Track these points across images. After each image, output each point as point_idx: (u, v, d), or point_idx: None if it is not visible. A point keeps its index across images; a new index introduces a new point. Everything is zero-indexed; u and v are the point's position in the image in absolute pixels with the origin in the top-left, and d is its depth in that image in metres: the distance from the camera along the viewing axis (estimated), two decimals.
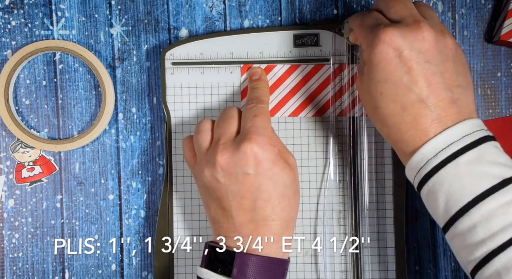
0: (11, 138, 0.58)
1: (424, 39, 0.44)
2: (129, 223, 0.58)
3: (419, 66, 0.44)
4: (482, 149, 0.43)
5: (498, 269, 0.41)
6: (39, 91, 0.58)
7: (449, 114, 0.44)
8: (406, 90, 0.44)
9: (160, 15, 0.58)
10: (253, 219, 0.48)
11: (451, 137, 0.43)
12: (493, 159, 0.43)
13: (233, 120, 0.50)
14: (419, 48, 0.44)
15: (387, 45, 0.44)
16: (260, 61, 0.56)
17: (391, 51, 0.44)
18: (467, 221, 0.42)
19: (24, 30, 0.58)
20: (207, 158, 0.49)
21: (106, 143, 0.58)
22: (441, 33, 0.45)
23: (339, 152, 0.56)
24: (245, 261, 0.47)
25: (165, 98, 0.56)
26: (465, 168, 0.43)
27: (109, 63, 0.58)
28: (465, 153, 0.43)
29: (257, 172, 0.47)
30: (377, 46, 0.44)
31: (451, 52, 0.45)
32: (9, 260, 0.58)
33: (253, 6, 0.58)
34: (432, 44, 0.44)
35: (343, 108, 0.56)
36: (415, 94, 0.44)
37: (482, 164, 0.43)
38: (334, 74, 0.56)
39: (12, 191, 0.58)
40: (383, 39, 0.44)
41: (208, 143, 0.50)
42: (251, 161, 0.47)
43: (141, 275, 0.58)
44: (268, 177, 0.48)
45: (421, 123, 0.44)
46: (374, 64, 0.45)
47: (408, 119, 0.44)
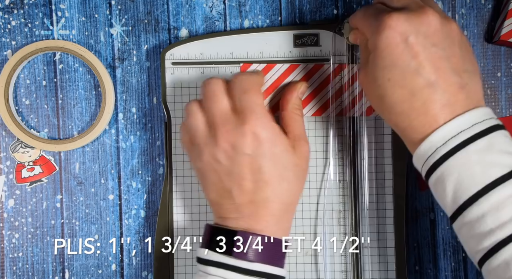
0: (11, 138, 0.58)
1: (429, 23, 0.44)
2: (129, 223, 0.58)
3: (426, 50, 0.43)
4: (492, 138, 0.43)
5: (507, 259, 0.41)
6: (39, 91, 0.58)
7: (458, 100, 0.43)
8: (414, 75, 0.43)
9: (160, 15, 0.58)
10: (253, 200, 0.48)
11: (461, 125, 0.43)
12: (503, 148, 0.43)
13: (221, 96, 0.49)
14: (425, 32, 0.44)
15: (393, 30, 0.43)
16: (260, 61, 0.56)
17: (397, 36, 0.43)
18: (476, 210, 0.42)
19: (24, 30, 0.58)
20: (205, 140, 0.48)
21: (106, 142, 0.58)
22: (445, 19, 0.45)
23: (339, 152, 0.56)
24: (246, 240, 0.47)
25: (165, 98, 0.56)
26: (475, 156, 0.42)
27: (109, 63, 0.58)
28: (475, 141, 0.42)
29: (257, 153, 0.47)
30: (383, 31, 0.44)
31: (457, 37, 0.45)
32: (9, 260, 0.58)
33: (253, 6, 0.58)
34: (438, 28, 0.44)
35: (343, 108, 0.56)
36: (423, 79, 0.43)
37: (492, 153, 0.42)
38: (334, 74, 0.56)
39: (12, 191, 0.58)
40: (388, 24, 0.44)
41: (202, 125, 0.49)
42: (250, 142, 0.47)
43: (141, 275, 0.58)
44: (268, 158, 0.47)
45: (431, 109, 0.43)
46: (381, 50, 0.44)
47: (417, 105, 0.44)
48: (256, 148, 0.47)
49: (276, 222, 0.48)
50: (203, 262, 0.48)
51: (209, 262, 0.48)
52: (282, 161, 0.48)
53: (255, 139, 0.47)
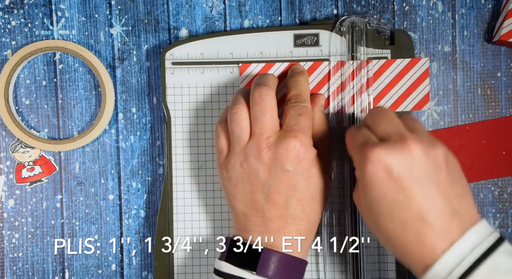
0: (11, 138, 0.58)
1: (412, 155, 0.43)
2: (129, 223, 0.58)
3: (412, 183, 0.43)
4: (495, 259, 0.42)
5: None
6: (39, 91, 0.58)
7: (452, 225, 0.43)
8: (403, 208, 0.43)
9: (160, 15, 0.58)
10: (283, 216, 0.48)
11: (462, 253, 0.42)
12: (507, 267, 0.42)
13: (272, 113, 0.49)
14: (409, 165, 0.43)
15: (376, 166, 0.43)
16: (260, 61, 0.56)
17: (381, 171, 0.43)
18: None
19: (24, 30, 0.58)
20: (248, 151, 0.49)
21: (106, 142, 0.58)
22: (429, 145, 0.44)
23: (339, 152, 0.56)
24: (270, 257, 0.47)
25: (165, 98, 0.56)
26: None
27: (109, 63, 0.58)
28: (478, 267, 0.41)
29: (296, 170, 0.48)
30: (366, 167, 0.44)
31: (444, 162, 0.44)
32: (9, 260, 0.58)
33: (253, 6, 0.58)
34: (422, 158, 0.43)
35: (343, 105, 0.56)
36: (412, 211, 0.43)
37: (497, 276, 0.41)
38: (334, 71, 0.56)
39: (12, 191, 0.58)
40: (371, 160, 0.43)
41: (247, 135, 0.49)
42: (292, 158, 0.48)
43: (141, 275, 0.58)
44: (305, 177, 0.48)
45: (426, 241, 0.43)
46: (367, 184, 0.44)
47: (411, 238, 0.43)
48: (297, 165, 0.48)
49: (301, 241, 0.49)
50: (222, 275, 0.48)
51: (228, 276, 0.48)
52: (316, 182, 0.49)
53: (297, 157, 0.48)
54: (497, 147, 0.57)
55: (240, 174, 0.49)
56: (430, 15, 0.58)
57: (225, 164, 0.50)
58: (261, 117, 0.49)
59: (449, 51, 0.58)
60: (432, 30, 0.58)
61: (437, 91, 0.58)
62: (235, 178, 0.50)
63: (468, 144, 0.58)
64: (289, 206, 0.48)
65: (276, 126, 0.49)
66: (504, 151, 0.57)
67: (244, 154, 0.49)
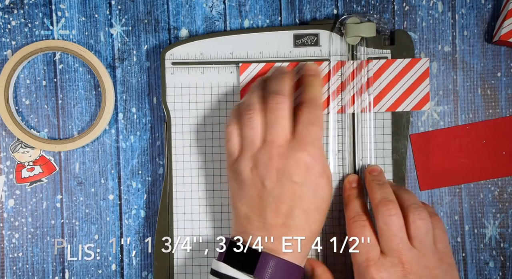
0: (11, 138, 0.58)
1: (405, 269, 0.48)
2: (129, 223, 0.58)
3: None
4: None
5: None
6: (39, 91, 0.58)
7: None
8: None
9: (160, 15, 0.58)
10: (286, 224, 0.48)
11: None
12: None
13: (286, 122, 0.50)
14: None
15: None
16: (260, 61, 0.56)
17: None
18: None
19: (24, 30, 0.58)
20: (258, 157, 0.49)
21: (106, 142, 0.58)
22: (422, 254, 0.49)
23: (339, 152, 0.56)
24: (268, 261, 0.47)
25: (165, 98, 0.56)
26: None
27: (109, 63, 0.58)
28: None
29: (304, 182, 0.48)
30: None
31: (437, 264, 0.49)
32: (9, 260, 0.58)
33: (253, 6, 0.58)
34: (414, 269, 0.48)
35: (343, 105, 0.56)
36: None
37: None
38: (334, 71, 0.56)
39: (12, 191, 0.58)
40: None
41: (260, 141, 0.50)
42: (301, 171, 0.48)
43: (141, 275, 0.58)
44: (312, 188, 0.49)
45: None
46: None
47: None
48: (304, 177, 0.48)
49: (301, 249, 0.49)
50: (220, 276, 0.48)
51: (226, 277, 0.48)
52: (322, 193, 0.49)
53: (306, 169, 0.48)
54: (497, 147, 0.57)
55: (248, 179, 0.49)
56: (430, 15, 0.58)
57: (235, 166, 0.51)
58: (275, 125, 0.49)
59: (449, 51, 0.58)
60: (432, 30, 0.58)
61: (437, 91, 0.58)
62: (242, 181, 0.50)
63: (468, 144, 0.58)
64: (293, 215, 0.48)
65: (288, 135, 0.49)
66: (504, 151, 0.57)
67: (255, 160, 0.49)
